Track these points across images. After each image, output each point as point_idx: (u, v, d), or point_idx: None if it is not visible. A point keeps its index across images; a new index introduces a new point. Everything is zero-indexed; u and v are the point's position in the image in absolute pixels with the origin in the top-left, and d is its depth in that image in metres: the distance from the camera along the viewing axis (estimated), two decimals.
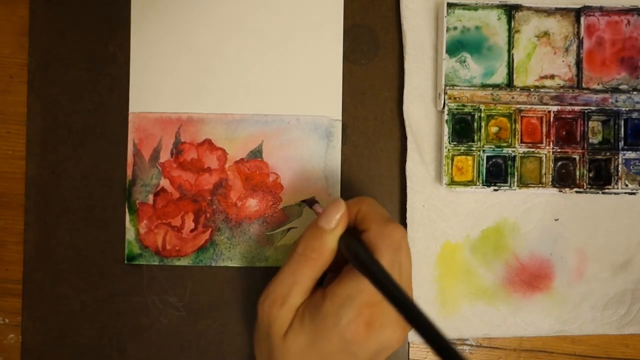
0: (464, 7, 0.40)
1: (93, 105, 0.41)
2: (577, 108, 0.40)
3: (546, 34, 0.40)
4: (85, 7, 0.42)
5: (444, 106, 0.39)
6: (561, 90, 0.40)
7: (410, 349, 0.42)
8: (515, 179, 0.39)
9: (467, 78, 0.40)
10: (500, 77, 0.40)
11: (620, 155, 0.40)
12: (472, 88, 0.40)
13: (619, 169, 0.39)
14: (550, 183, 0.40)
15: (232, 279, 0.41)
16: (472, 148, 0.39)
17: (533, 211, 0.41)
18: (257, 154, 0.41)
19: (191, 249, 0.41)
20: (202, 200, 0.41)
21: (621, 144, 0.40)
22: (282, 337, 0.32)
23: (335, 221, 0.33)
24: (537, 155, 0.40)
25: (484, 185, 0.39)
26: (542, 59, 0.40)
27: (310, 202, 0.39)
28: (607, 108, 0.40)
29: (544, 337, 0.42)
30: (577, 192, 0.40)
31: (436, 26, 0.41)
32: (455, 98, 0.40)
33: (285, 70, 0.41)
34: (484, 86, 0.40)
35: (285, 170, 0.41)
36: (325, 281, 0.34)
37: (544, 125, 0.40)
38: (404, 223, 0.41)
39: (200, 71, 0.41)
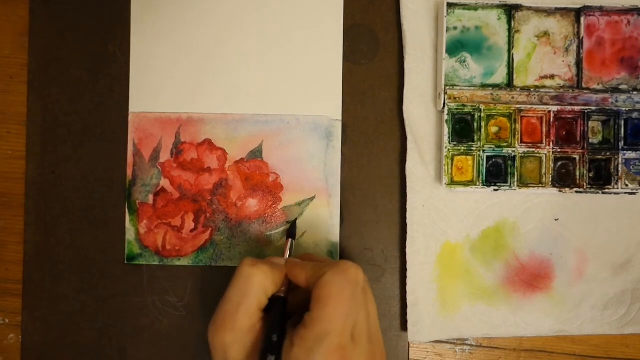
0: (464, 7, 0.40)
1: (93, 105, 0.41)
2: (577, 108, 0.40)
3: (546, 34, 0.40)
4: (85, 7, 0.42)
5: (444, 106, 0.39)
6: (561, 90, 0.40)
7: (410, 348, 0.42)
8: (515, 179, 0.39)
9: (467, 78, 0.40)
10: (500, 77, 0.40)
11: (620, 155, 0.40)
12: (472, 88, 0.40)
13: (619, 169, 0.39)
14: (550, 183, 0.40)
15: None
16: (472, 148, 0.39)
17: (533, 211, 0.41)
18: (257, 154, 0.41)
19: (191, 249, 0.41)
20: (202, 200, 0.41)
21: (621, 144, 0.40)
22: None
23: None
24: (537, 155, 0.40)
25: (484, 185, 0.39)
26: (542, 59, 0.40)
27: (290, 233, 0.39)
28: (607, 108, 0.40)
29: (544, 337, 0.42)
30: (577, 192, 0.40)
31: (436, 26, 0.41)
32: (455, 98, 0.40)
33: (285, 70, 0.41)
34: (484, 86, 0.40)
35: (285, 170, 0.41)
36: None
37: (544, 125, 0.40)
38: (404, 223, 0.41)
39: (200, 71, 0.41)
